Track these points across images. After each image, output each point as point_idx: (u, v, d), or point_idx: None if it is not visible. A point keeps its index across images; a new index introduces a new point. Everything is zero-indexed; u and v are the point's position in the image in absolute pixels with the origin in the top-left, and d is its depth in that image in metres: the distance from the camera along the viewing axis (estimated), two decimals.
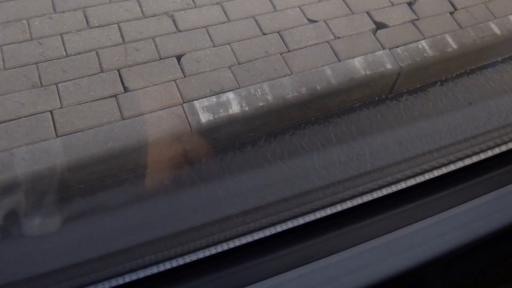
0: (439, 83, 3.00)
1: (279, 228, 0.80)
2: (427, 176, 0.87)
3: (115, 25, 2.67)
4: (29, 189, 2.19)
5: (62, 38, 2.57)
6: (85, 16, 2.68)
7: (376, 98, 2.87)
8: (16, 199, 2.19)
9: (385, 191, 0.84)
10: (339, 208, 0.82)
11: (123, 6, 2.75)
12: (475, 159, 0.90)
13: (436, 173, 0.87)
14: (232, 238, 0.77)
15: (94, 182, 2.34)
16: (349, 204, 0.83)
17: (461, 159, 0.90)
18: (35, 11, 2.66)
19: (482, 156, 0.91)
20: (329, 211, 0.81)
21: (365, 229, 0.81)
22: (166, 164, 2.45)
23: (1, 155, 2.15)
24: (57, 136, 2.25)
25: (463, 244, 0.81)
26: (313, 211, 0.81)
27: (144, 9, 2.76)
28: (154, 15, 2.74)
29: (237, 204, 2.36)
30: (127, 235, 2.18)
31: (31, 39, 2.54)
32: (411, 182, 0.86)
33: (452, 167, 0.88)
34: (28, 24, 2.60)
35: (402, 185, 0.85)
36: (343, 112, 2.79)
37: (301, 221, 0.80)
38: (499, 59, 3.18)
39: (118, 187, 2.37)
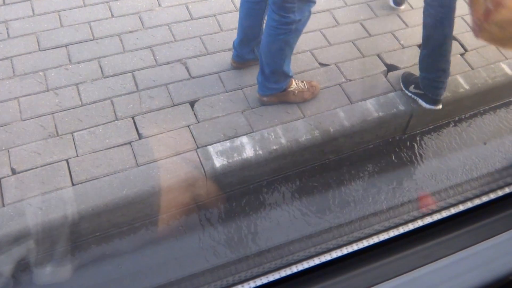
0: (453, 124, 2.99)
1: (294, 269, 0.79)
2: (444, 214, 0.86)
3: (129, 73, 2.73)
4: (45, 238, 2.19)
5: (77, 88, 2.63)
6: (100, 66, 2.74)
7: (390, 139, 2.86)
8: (32, 248, 2.20)
9: (401, 230, 0.83)
10: (355, 247, 0.81)
11: (137, 55, 2.82)
12: (492, 196, 0.89)
13: (453, 210, 0.86)
14: (247, 280, 0.76)
15: (110, 229, 2.34)
16: (365, 243, 0.81)
17: (478, 196, 0.88)
18: (51, 63, 2.73)
19: (500, 193, 0.90)
20: (345, 250, 0.80)
21: (382, 268, 0.79)
22: (181, 209, 2.44)
23: (17, 205, 2.17)
24: (72, 184, 2.26)
25: (485, 284, 0.79)
26: (329, 250, 0.80)
27: (157, 57, 2.82)
28: (168, 63, 2.80)
29: (252, 247, 2.34)
30: (142, 280, 2.17)
31: (47, 90, 2.60)
32: (428, 220, 0.84)
33: (469, 205, 0.87)
34: (45, 75, 2.67)
35: (419, 223, 0.84)
36: (357, 153, 2.78)
37: (316, 261, 0.79)
38: None
39: (134, 234, 2.37)
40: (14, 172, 2.27)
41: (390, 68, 2.96)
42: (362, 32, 3.14)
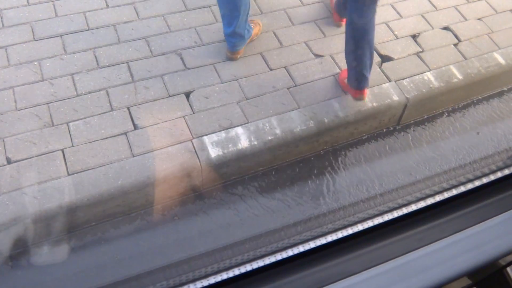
0: (446, 114, 3.01)
1: (290, 252, 0.80)
2: (438, 198, 0.87)
3: (125, 64, 2.72)
4: (40, 228, 2.20)
5: (73, 78, 2.63)
6: (95, 56, 2.74)
7: (384, 130, 2.88)
8: (27, 238, 2.20)
9: (396, 214, 0.84)
10: (350, 231, 0.82)
11: (132, 46, 2.81)
12: (485, 180, 0.90)
13: (447, 195, 0.87)
14: (243, 263, 0.77)
15: (105, 219, 2.35)
16: (360, 227, 0.83)
17: (471, 180, 0.90)
18: (46, 52, 2.72)
19: (492, 177, 0.91)
20: (340, 234, 0.81)
21: (377, 252, 0.81)
22: (176, 199, 2.45)
23: (13, 194, 2.17)
24: (68, 174, 2.27)
25: (476, 266, 0.80)
26: (324, 234, 0.81)
27: (152, 48, 2.82)
28: (163, 54, 2.80)
29: (247, 233, 2.36)
30: (137, 270, 2.18)
31: (43, 80, 2.60)
32: (422, 204, 0.86)
33: (462, 189, 0.88)
34: (40, 65, 2.66)
35: (413, 207, 0.85)
36: (352, 144, 2.80)
37: (312, 244, 0.80)
38: (505, 88, 3.20)
39: (129, 224, 2.38)
40: (9, 161, 2.27)
41: (384, 59, 2.97)
42: None
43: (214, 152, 2.41)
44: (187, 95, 2.63)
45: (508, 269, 0.90)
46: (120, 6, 3.03)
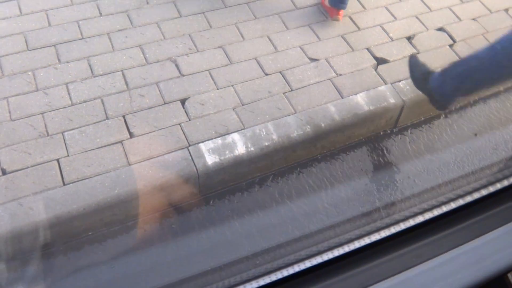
0: (444, 116, 3.00)
1: (285, 273, 0.79)
2: (436, 212, 0.86)
3: (119, 72, 2.71)
4: (37, 238, 2.18)
5: (67, 87, 2.61)
6: (90, 65, 2.72)
7: (382, 133, 2.87)
8: (23, 248, 2.19)
9: (393, 230, 0.83)
10: (346, 249, 0.80)
11: (127, 54, 2.80)
12: (484, 192, 0.89)
13: (445, 208, 0.86)
14: (242, 282, 0.76)
15: (102, 229, 2.33)
16: (356, 245, 0.81)
17: (469, 193, 0.88)
18: (40, 62, 2.71)
19: (491, 189, 0.90)
20: (336, 252, 0.80)
21: (374, 269, 0.79)
22: (174, 207, 2.44)
23: (9, 205, 2.15)
24: (64, 184, 2.25)
25: (478, 282, 0.79)
26: (320, 253, 0.79)
27: (147, 55, 2.81)
28: (157, 61, 2.79)
29: (247, 246, 2.34)
30: (136, 281, 2.16)
31: (37, 90, 2.58)
32: (420, 219, 0.84)
33: (460, 202, 0.87)
34: (34, 75, 2.65)
35: (411, 222, 0.84)
36: (349, 148, 2.79)
37: (307, 264, 0.79)
38: (502, 89, 3.19)
39: (126, 233, 2.36)
40: (4, 172, 2.26)
41: (380, 61, 2.96)
42: (351, 26, 3.14)
43: (210, 159, 2.40)
44: (183, 102, 2.61)
45: (509, 274, 0.88)
46: (114, 14, 3.02)
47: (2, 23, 2.88)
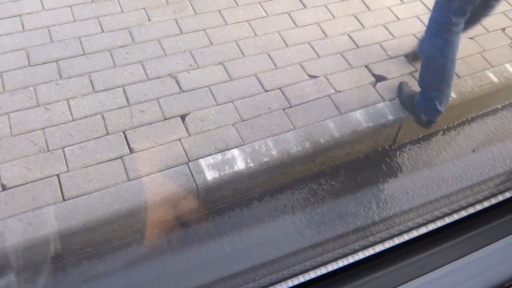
0: (441, 132, 3.02)
1: (290, 283, 0.79)
2: (439, 224, 0.86)
3: (120, 88, 2.73)
4: (36, 254, 2.17)
5: (68, 103, 2.62)
6: (91, 81, 2.74)
7: (380, 149, 2.88)
8: (22, 265, 2.18)
9: (397, 240, 0.83)
10: (351, 260, 0.81)
11: (128, 70, 2.82)
12: (486, 204, 0.90)
13: (448, 220, 0.87)
14: None
15: (102, 245, 2.33)
16: (361, 256, 0.82)
17: (472, 205, 0.89)
18: (41, 78, 2.72)
19: (494, 200, 0.91)
20: (340, 263, 0.80)
21: (378, 281, 0.80)
22: (173, 223, 2.44)
23: (8, 221, 2.15)
24: (64, 199, 2.25)
25: None
26: (324, 264, 0.80)
27: (148, 71, 2.83)
28: (158, 77, 2.80)
29: (246, 260, 2.33)
30: None
31: (38, 105, 2.59)
32: (423, 230, 0.85)
33: (463, 213, 0.88)
34: (35, 90, 2.66)
35: (414, 233, 0.85)
36: (348, 164, 2.80)
37: (312, 275, 0.79)
38: (499, 106, 3.22)
39: (125, 249, 2.36)
40: (4, 188, 2.25)
41: (378, 78, 2.98)
42: (350, 44, 3.17)
43: (210, 175, 2.40)
44: (183, 117, 2.63)
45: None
46: (115, 30, 3.04)
47: (5, 39, 2.90)
